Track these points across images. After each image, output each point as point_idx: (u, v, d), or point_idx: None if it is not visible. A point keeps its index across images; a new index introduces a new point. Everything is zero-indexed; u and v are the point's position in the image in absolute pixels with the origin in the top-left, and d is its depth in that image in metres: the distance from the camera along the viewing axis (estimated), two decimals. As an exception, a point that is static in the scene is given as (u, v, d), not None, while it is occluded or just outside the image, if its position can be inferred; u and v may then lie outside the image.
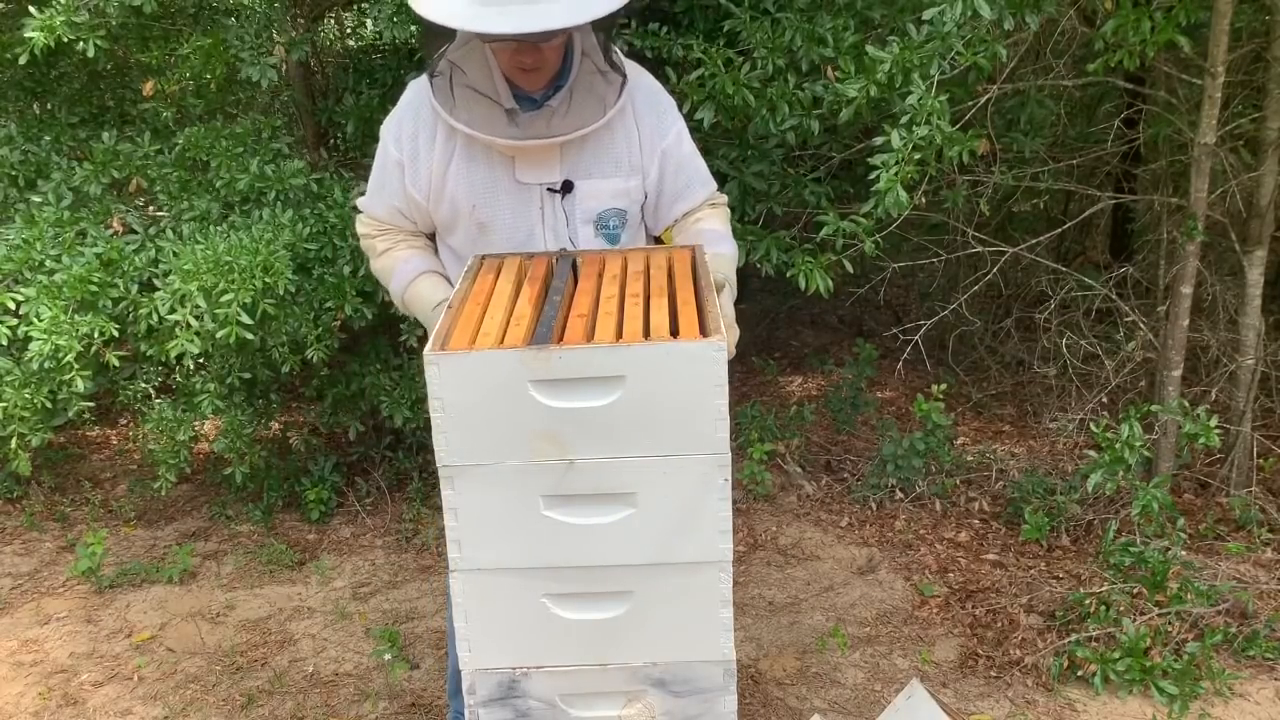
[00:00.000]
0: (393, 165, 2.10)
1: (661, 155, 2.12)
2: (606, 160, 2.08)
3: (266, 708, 3.11)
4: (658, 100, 2.12)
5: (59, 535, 4.21)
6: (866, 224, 3.30)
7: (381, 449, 4.46)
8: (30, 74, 3.89)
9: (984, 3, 2.76)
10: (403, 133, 2.07)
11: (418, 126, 2.05)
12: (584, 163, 2.07)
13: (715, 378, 1.76)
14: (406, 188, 2.10)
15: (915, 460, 4.13)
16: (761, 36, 3.33)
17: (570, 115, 1.99)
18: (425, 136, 2.05)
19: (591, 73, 2.02)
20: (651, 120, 2.10)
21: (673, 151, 2.13)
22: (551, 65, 1.98)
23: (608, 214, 2.11)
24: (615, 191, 2.10)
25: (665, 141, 2.12)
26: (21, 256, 3.23)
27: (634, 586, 1.89)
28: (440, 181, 2.06)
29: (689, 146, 2.16)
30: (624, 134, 2.08)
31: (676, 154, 2.13)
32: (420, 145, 2.05)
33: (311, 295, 3.46)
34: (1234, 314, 3.94)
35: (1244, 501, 3.79)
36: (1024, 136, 4.16)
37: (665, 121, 2.12)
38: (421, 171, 2.07)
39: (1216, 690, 2.97)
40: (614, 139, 2.08)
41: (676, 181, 2.16)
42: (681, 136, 2.15)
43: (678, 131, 2.14)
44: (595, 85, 2.02)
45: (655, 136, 2.10)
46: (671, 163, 2.13)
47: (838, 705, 3.03)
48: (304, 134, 4.23)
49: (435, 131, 2.04)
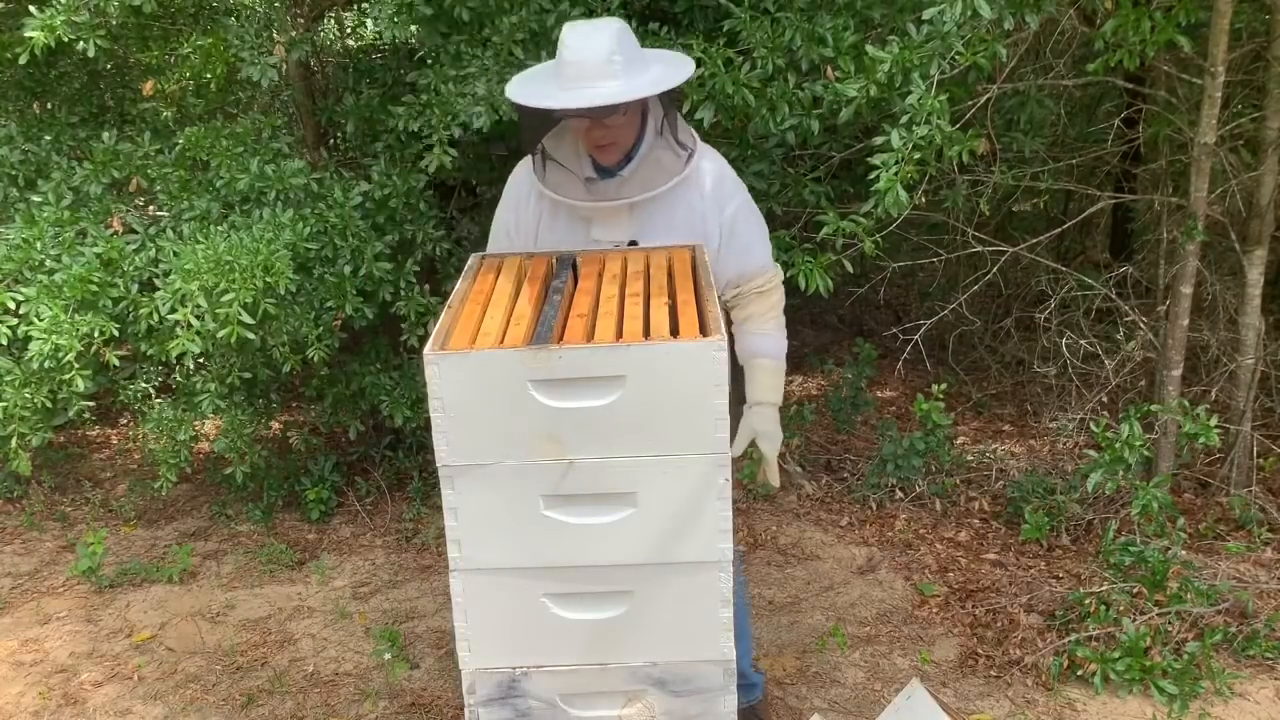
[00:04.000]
0: (502, 228, 2.47)
1: (719, 227, 2.35)
2: (670, 225, 2.31)
3: (266, 707, 3.11)
4: (723, 179, 2.37)
5: (59, 535, 4.21)
6: (866, 224, 3.30)
7: (381, 449, 4.46)
8: (30, 74, 3.89)
9: (984, 2, 2.76)
10: (510, 200, 2.45)
11: (519, 196, 2.42)
12: (650, 225, 2.32)
13: (715, 377, 1.76)
14: (513, 243, 2.43)
15: (915, 460, 4.13)
16: (761, 36, 3.33)
17: (637, 181, 2.28)
18: (524, 202, 2.41)
19: (662, 148, 2.30)
20: (715, 192, 2.34)
21: (729, 224, 2.36)
22: (623, 142, 2.27)
23: None
24: None
25: (723, 215, 2.35)
26: (21, 256, 3.23)
27: (634, 586, 1.89)
28: (533, 240, 2.40)
29: (746, 224, 2.39)
30: (687, 203, 2.32)
31: (731, 226, 2.36)
32: (521, 210, 2.41)
33: (312, 295, 3.46)
34: (1234, 314, 3.94)
35: (1244, 501, 3.79)
36: (1024, 136, 4.16)
37: (725, 197, 2.35)
38: (522, 231, 2.42)
39: (1216, 690, 2.97)
40: (677, 206, 2.31)
41: (730, 251, 2.37)
42: (740, 212, 2.37)
43: (736, 206, 2.37)
44: (664, 158, 2.29)
45: (716, 210, 2.34)
46: (726, 233, 2.36)
47: (838, 705, 3.03)
48: (304, 134, 4.23)
49: (529, 199, 2.39)
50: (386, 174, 3.61)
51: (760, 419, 2.37)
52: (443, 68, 3.45)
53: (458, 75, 3.40)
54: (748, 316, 2.43)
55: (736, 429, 2.33)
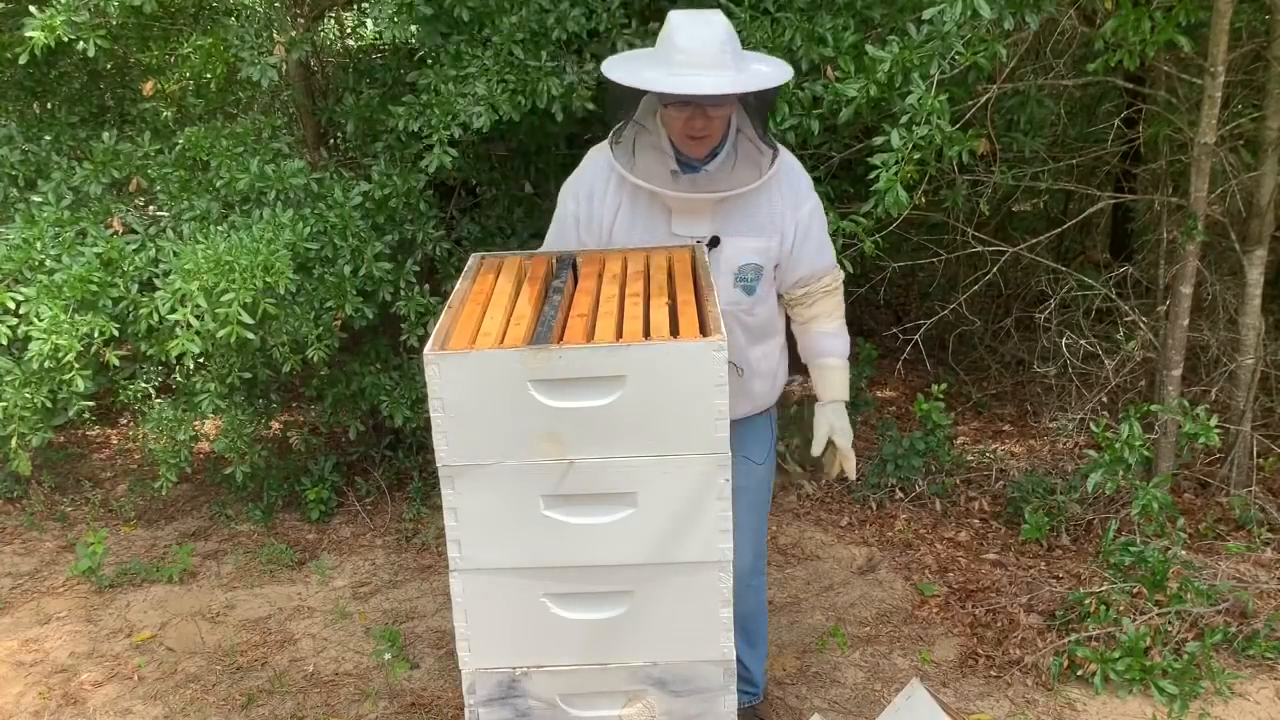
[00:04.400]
0: (570, 219, 2.42)
1: (795, 225, 2.40)
2: (751, 221, 2.35)
3: (266, 707, 3.11)
4: (798, 179, 2.43)
5: (59, 535, 4.21)
6: (866, 224, 3.30)
7: (381, 449, 4.46)
8: (30, 74, 3.89)
9: (984, 2, 2.76)
10: (579, 191, 2.40)
11: (594, 186, 2.38)
12: (732, 221, 2.34)
13: (715, 377, 1.76)
14: (580, 237, 2.41)
15: (915, 460, 4.13)
16: (761, 36, 3.32)
17: (730, 177, 2.30)
18: (599, 194, 2.37)
19: (745, 146, 2.33)
20: (791, 194, 2.40)
21: (804, 223, 2.42)
22: (716, 134, 2.28)
23: (746, 268, 2.37)
24: (755, 249, 2.37)
25: (800, 213, 2.40)
26: (21, 256, 3.23)
27: (634, 586, 1.89)
28: (609, 232, 2.38)
29: (819, 225, 2.47)
30: (768, 200, 2.36)
31: (806, 226, 2.42)
32: (595, 201, 2.37)
33: (312, 295, 3.46)
34: (1234, 314, 3.94)
35: (1244, 501, 3.79)
36: (1024, 136, 4.16)
37: (801, 197, 2.42)
38: (594, 222, 2.38)
39: (1216, 690, 2.97)
40: (759, 203, 2.35)
41: (804, 250, 2.44)
42: (814, 214, 2.44)
43: (811, 208, 2.43)
44: (750, 154, 2.33)
45: (792, 209, 2.39)
46: (802, 232, 2.41)
47: (838, 705, 3.03)
48: (304, 134, 4.23)
49: (607, 190, 2.36)
50: (386, 174, 3.61)
51: (836, 415, 2.52)
52: (443, 68, 3.45)
53: (458, 75, 3.40)
54: (814, 316, 2.51)
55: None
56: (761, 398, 2.53)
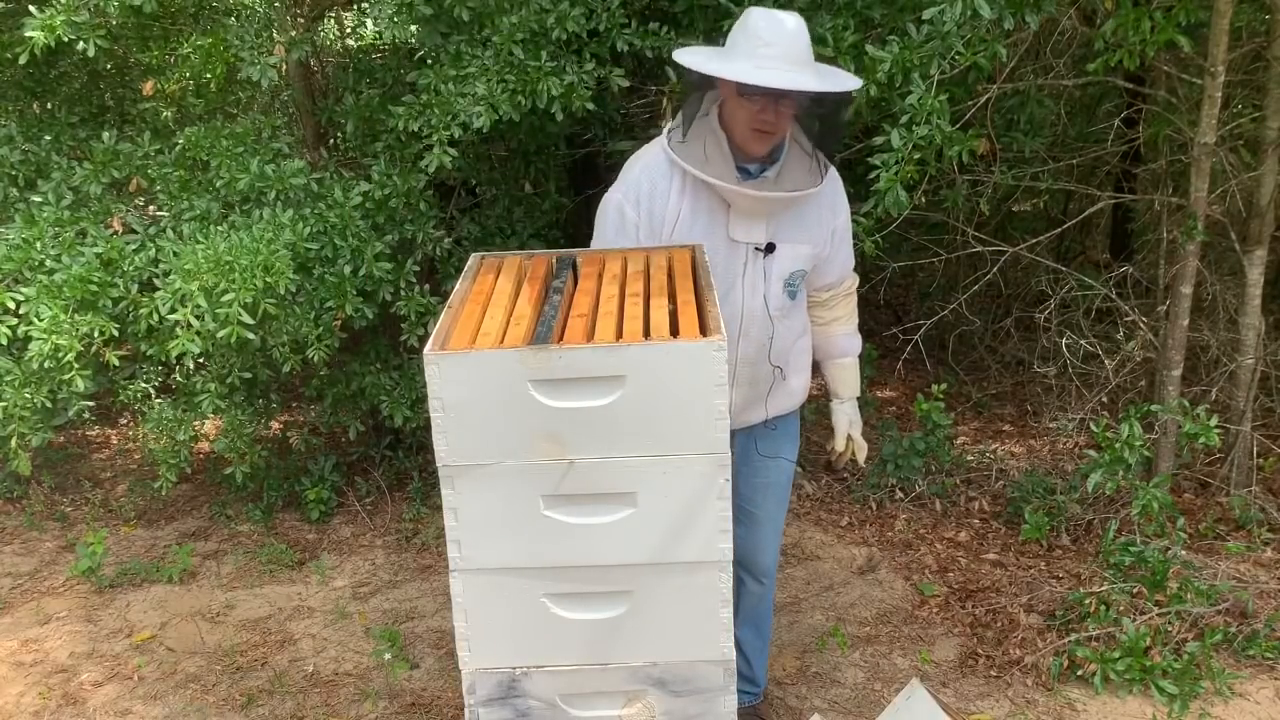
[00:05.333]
0: (630, 227, 2.35)
1: (833, 232, 2.48)
2: (802, 228, 2.39)
3: (266, 708, 3.11)
4: (838, 187, 2.48)
5: (59, 535, 4.21)
6: (866, 223, 3.30)
7: (381, 449, 4.46)
8: (30, 74, 3.89)
9: (984, 2, 2.76)
10: (640, 195, 2.33)
11: (655, 188, 2.32)
12: (785, 228, 2.37)
13: (715, 377, 1.76)
14: (639, 239, 2.36)
15: (915, 460, 4.13)
16: (761, 36, 3.32)
17: (789, 181, 2.31)
18: (661, 195, 2.32)
19: (800, 154, 2.35)
20: (833, 204, 2.46)
21: (841, 231, 2.51)
22: (783, 130, 2.27)
23: (795, 274, 2.42)
24: (803, 255, 2.42)
25: (838, 221, 2.48)
26: (21, 256, 3.23)
27: (634, 586, 1.89)
28: (669, 237, 2.34)
29: (848, 231, 2.55)
30: (816, 208, 2.41)
31: (842, 234, 2.52)
32: (656, 203, 2.32)
33: (312, 295, 3.46)
34: (1234, 314, 3.94)
35: (1244, 501, 3.79)
36: (1024, 136, 4.16)
37: (840, 206, 2.49)
38: (655, 225, 2.34)
39: (1216, 690, 2.97)
40: (808, 211, 2.40)
41: (837, 256, 2.53)
42: (847, 222, 2.53)
43: (845, 216, 2.51)
44: (801, 160, 2.35)
45: (832, 213, 2.45)
46: (838, 239, 2.50)
47: (838, 705, 3.03)
48: (304, 134, 4.23)
49: (670, 192, 2.32)
50: (386, 174, 3.61)
51: (853, 410, 2.70)
52: (443, 68, 3.45)
53: (458, 75, 3.40)
54: (836, 318, 2.62)
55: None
56: (798, 393, 2.61)
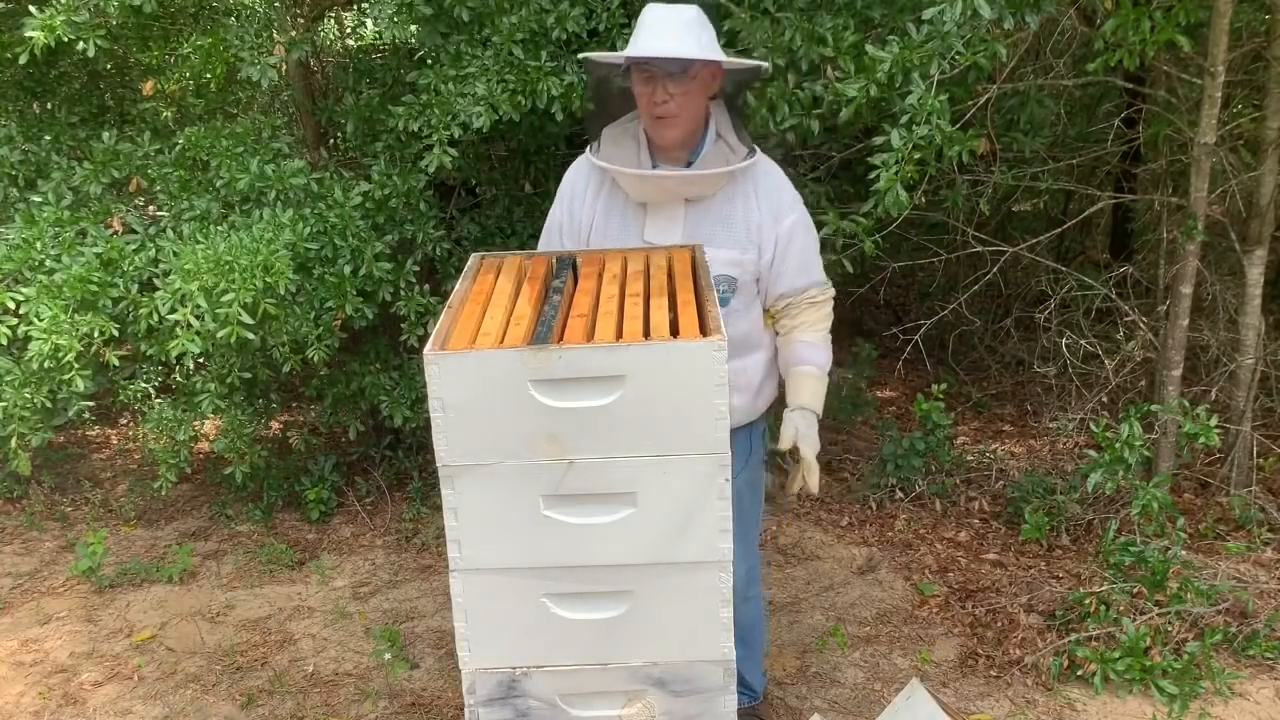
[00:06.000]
0: (555, 225, 2.45)
1: (776, 238, 2.35)
2: (726, 232, 2.32)
3: (266, 708, 3.11)
4: (781, 191, 2.38)
5: (59, 535, 4.21)
6: (866, 223, 3.30)
7: (381, 449, 4.46)
8: (30, 74, 3.89)
9: (984, 2, 2.76)
10: (563, 196, 2.43)
11: (574, 192, 2.40)
12: (704, 229, 2.31)
13: (715, 377, 1.76)
14: (564, 244, 2.42)
15: (915, 460, 4.13)
16: (761, 36, 3.32)
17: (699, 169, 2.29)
18: (579, 199, 2.39)
19: (723, 148, 2.32)
20: (771, 203, 2.35)
21: (785, 237, 2.36)
22: (681, 119, 2.25)
23: (719, 280, 2.29)
24: (729, 260, 2.31)
25: (780, 227, 2.35)
26: (21, 256, 3.23)
27: (634, 586, 1.89)
28: (586, 239, 2.39)
29: (802, 239, 2.40)
30: (744, 209, 2.33)
31: (788, 241, 2.36)
32: (576, 207, 2.40)
33: (312, 295, 3.46)
34: (1234, 314, 3.94)
35: (1244, 501, 3.79)
36: (1024, 136, 4.16)
37: (783, 208, 2.36)
38: (575, 226, 2.40)
39: (1216, 690, 2.97)
40: (734, 213, 2.32)
41: (785, 266, 2.38)
42: (796, 227, 2.37)
43: (793, 221, 2.37)
44: (724, 153, 2.31)
45: (772, 219, 2.34)
46: (783, 247, 2.36)
47: (838, 705, 3.03)
48: (304, 134, 4.23)
49: (587, 192, 2.38)
50: (386, 174, 3.61)
51: (804, 421, 2.38)
52: (443, 68, 3.45)
53: (458, 75, 3.40)
54: (797, 325, 2.43)
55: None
56: (738, 412, 2.37)
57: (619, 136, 2.35)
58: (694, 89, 2.24)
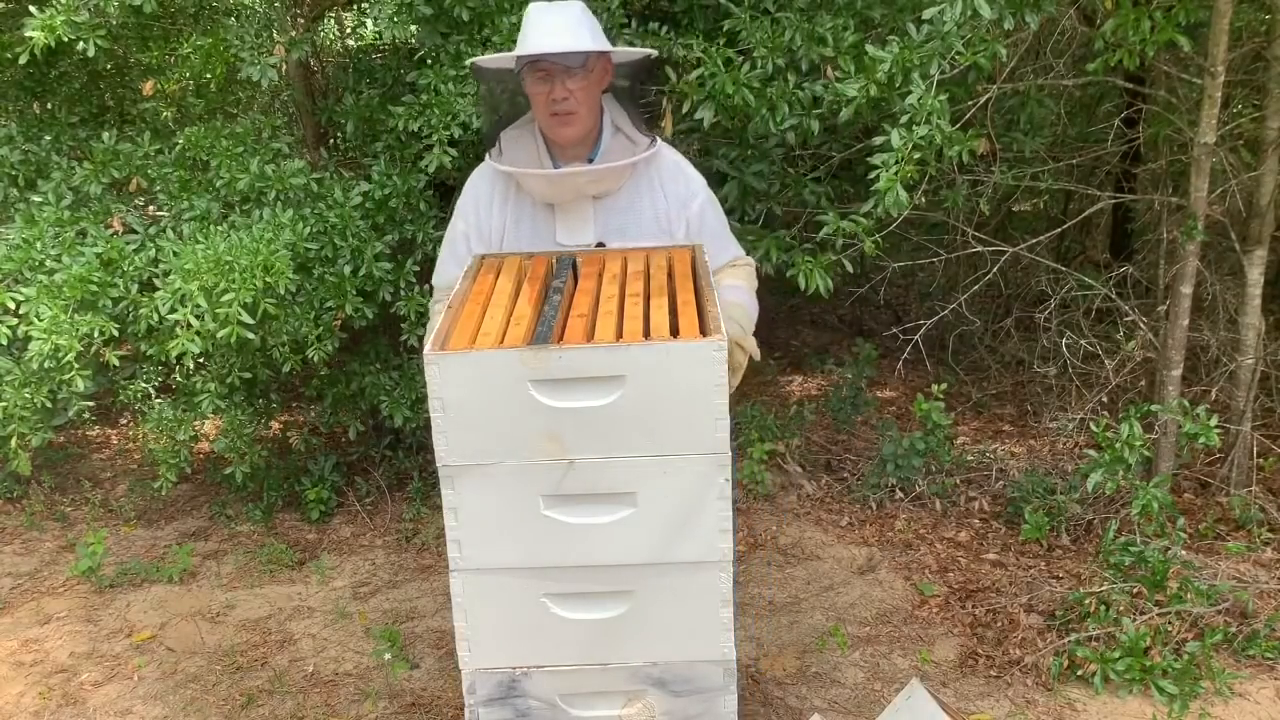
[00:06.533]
0: (460, 235, 2.40)
1: (686, 223, 2.35)
2: (637, 225, 2.32)
3: (266, 708, 3.11)
4: (682, 173, 2.37)
5: (59, 535, 4.21)
6: (866, 223, 3.30)
7: (381, 449, 4.46)
8: (30, 74, 3.89)
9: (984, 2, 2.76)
10: (466, 206, 2.40)
11: (478, 198, 2.38)
12: (615, 224, 2.31)
13: (715, 377, 1.76)
14: (473, 250, 2.37)
15: (915, 460, 4.13)
16: (761, 36, 3.33)
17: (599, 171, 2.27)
18: (484, 205, 2.37)
19: (623, 140, 2.31)
20: (677, 189, 2.34)
21: (695, 220, 2.35)
22: (580, 112, 2.24)
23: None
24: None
25: (689, 210, 2.35)
26: (21, 256, 3.23)
27: (634, 586, 1.89)
28: (499, 244, 2.36)
29: (714, 218, 2.40)
30: (651, 199, 2.32)
31: (699, 223, 2.36)
32: (482, 215, 2.37)
33: (312, 295, 3.46)
34: (1234, 313, 3.94)
35: (1244, 501, 3.79)
36: (1024, 136, 4.16)
37: (690, 192, 2.36)
38: (485, 235, 2.37)
39: (1216, 690, 2.97)
40: (642, 203, 2.32)
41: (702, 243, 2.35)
42: (705, 208, 2.37)
43: (701, 203, 2.36)
44: (625, 147, 2.30)
45: (680, 205, 2.34)
46: (694, 229, 2.35)
47: (838, 705, 3.03)
48: (304, 134, 4.23)
49: (492, 200, 2.36)
50: (386, 174, 3.62)
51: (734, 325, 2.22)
52: (443, 68, 3.45)
53: (458, 75, 3.40)
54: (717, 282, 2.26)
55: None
56: None
57: (517, 138, 2.34)
58: (590, 83, 2.25)
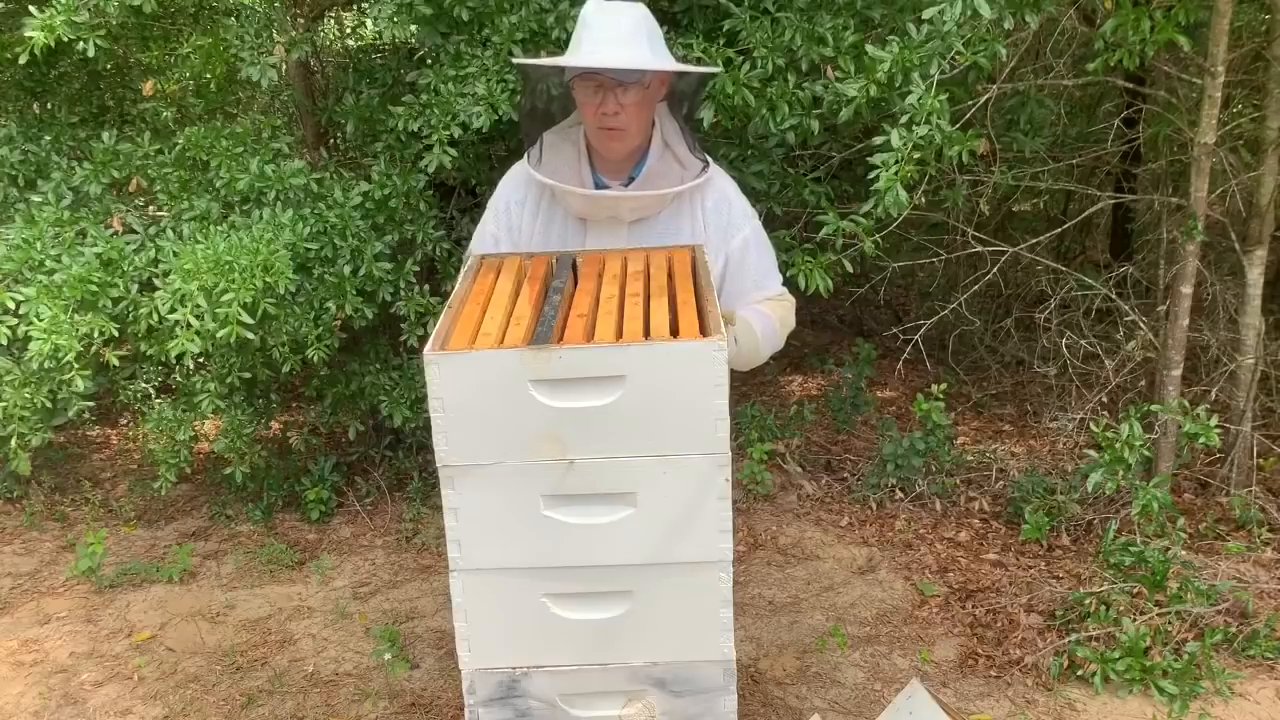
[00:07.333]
0: (489, 237, 2.29)
1: (726, 257, 2.23)
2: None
3: (266, 708, 3.11)
4: (729, 203, 2.23)
5: (59, 535, 4.21)
6: (866, 223, 3.30)
7: (381, 449, 4.46)
8: (30, 74, 3.89)
9: (984, 2, 2.76)
10: (500, 205, 2.28)
11: (510, 201, 2.26)
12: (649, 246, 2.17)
13: (715, 378, 1.76)
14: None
15: (915, 460, 4.13)
16: (761, 36, 3.32)
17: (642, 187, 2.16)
18: (516, 208, 2.26)
19: (671, 161, 2.17)
20: (719, 221, 2.22)
21: (736, 255, 2.24)
22: (631, 131, 2.11)
23: None
24: None
25: (730, 245, 2.23)
26: (21, 256, 3.23)
27: (634, 586, 1.89)
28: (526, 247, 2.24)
29: (756, 257, 2.26)
30: (691, 226, 2.21)
31: (739, 259, 2.24)
32: (513, 220, 2.26)
33: (312, 295, 3.46)
34: (1234, 313, 3.94)
35: (1244, 501, 3.79)
36: (1024, 136, 4.16)
37: (732, 226, 2.23)
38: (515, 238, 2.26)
39: (1216, 690, 2.97)
40: (680, 228, 2.20)
41: (740, 283, 2.26)
42: (749, 244, 2.24)
43: (745, 238, 2.24)
44: (672, 169, 2.17)
45: (720, 239, 2.22)
46: (735, 265, 2.24)
47: (838, 705, 3.03)
48: (304, 134, 4.23)
49: (525, 204, 2.25)
50: (386, 174, 3.61)
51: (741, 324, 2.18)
52: (443, 68, 3.45)
53: (458, 75, 3.40)
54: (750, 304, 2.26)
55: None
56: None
57: (559, 143, 2.21)
58: (645, 98, 2.10)
